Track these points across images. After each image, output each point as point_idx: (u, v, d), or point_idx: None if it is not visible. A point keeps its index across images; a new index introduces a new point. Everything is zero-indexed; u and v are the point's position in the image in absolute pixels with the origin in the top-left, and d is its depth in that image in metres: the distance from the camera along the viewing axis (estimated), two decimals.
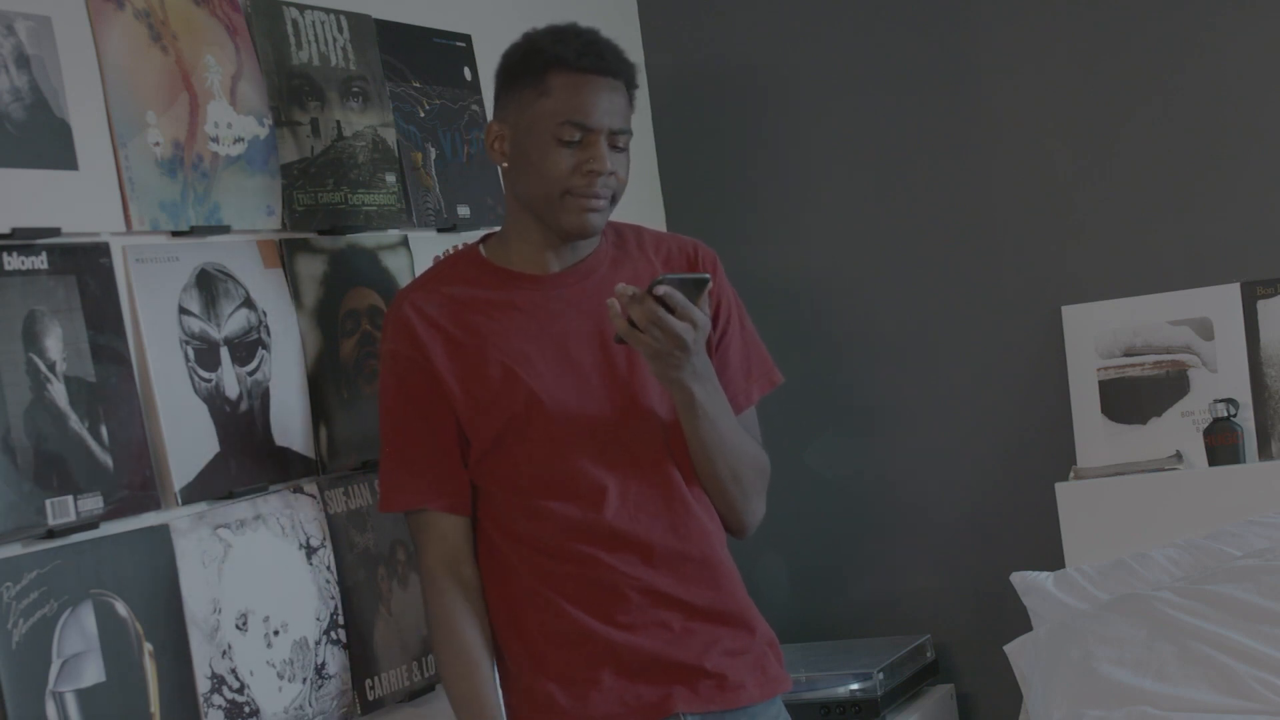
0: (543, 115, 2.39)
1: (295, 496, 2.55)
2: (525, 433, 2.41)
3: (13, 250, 2.15)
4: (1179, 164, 3.46)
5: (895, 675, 3.43)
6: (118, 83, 2.34)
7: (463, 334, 2.43)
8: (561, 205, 2.40)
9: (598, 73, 2.41)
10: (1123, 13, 3.49)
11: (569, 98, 2.39)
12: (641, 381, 2.43)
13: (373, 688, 2.63)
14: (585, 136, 2.38)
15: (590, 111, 2.39)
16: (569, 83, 2.39)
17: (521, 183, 2.44)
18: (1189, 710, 2.81)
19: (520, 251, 2.48)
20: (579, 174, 2.38)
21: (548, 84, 2.39)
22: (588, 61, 2.40)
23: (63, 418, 2.18)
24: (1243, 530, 3.15)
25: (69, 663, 2.14)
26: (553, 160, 2.38)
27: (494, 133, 2.46)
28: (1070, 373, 3.52)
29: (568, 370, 2.42)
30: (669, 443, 2.45)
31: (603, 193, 2.40)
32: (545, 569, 2.43)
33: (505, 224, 2.52)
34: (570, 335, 2.44)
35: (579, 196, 2.39)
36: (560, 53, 2.40)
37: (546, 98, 2.39)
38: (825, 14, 3.72)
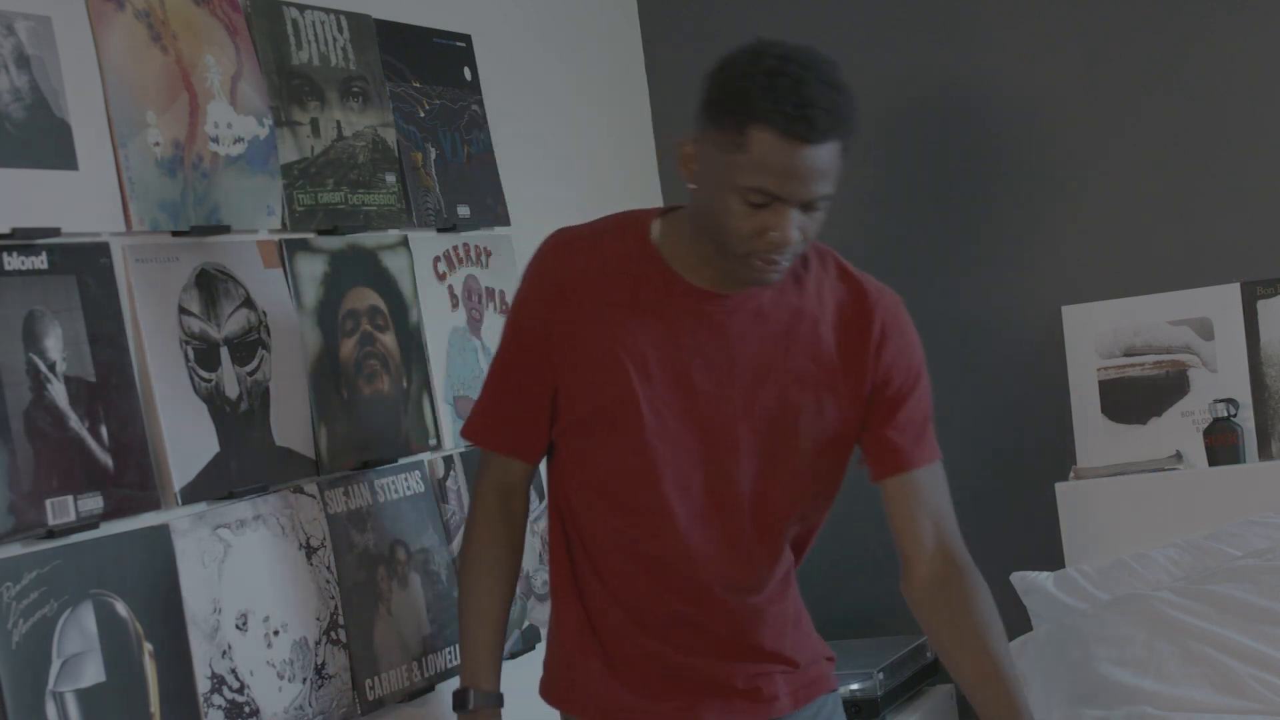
0: (735, 170, 2.12)
1: (295, 496, 2.55)
2: (607, 433, 2.32)
3: (13, 250, 2.15)
4: (1179, 164, 3.47)
5: (895, 675, 3.43)
6: (118, 83, 2.34)
7: (594, 308, 2.29)
8: (737, 260, 2.19)
9: (806, 142, 2.09)
10: (1123, 12, 3.49)
11: (767, 164, 2.10)
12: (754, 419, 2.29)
13: (373, 688, 2.63)
14: (776, 204, 2.13)
15: (787, 183, 2.11)
16: (772, 147, 2.09)
17: (702, 214, 2.21)
18: (1189, 710, 2.81)
19: (687, 257, 2.28)
20: (761, 240, 2.15)
21: (748, 139, 2.10)
22: (797, 129, 2.08)
23: (63, 418, 2.18)
24: (1243, 530, 3.15)
25: (69, 663, 2.14)
26: (736, 218, 2.14)
27: (686, 151, 2.22)
28: (1070, 373, 3.52)
29: (681, 387, 2.29)
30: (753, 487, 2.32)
31: (784, 259, 2.19)
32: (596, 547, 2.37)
33: (684, 222, 2.30)
34: (699, 354, 2.28)
35: (757, 259, 2.17)
36: (768, 109, 2.09)
37: (743, 154, 2.11)
38: (824, 9, 3.72)
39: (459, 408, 2.94)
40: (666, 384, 2.29)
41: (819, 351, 2.32)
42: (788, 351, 2.31)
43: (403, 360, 2.82)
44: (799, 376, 2.31)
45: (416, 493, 2.80)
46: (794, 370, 2.31)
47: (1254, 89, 3.41)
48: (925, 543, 2.38)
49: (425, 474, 2.83)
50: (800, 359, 2.31)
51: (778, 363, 2.30)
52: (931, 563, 2.37)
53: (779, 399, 2.31)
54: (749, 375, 2.29)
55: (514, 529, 2.45)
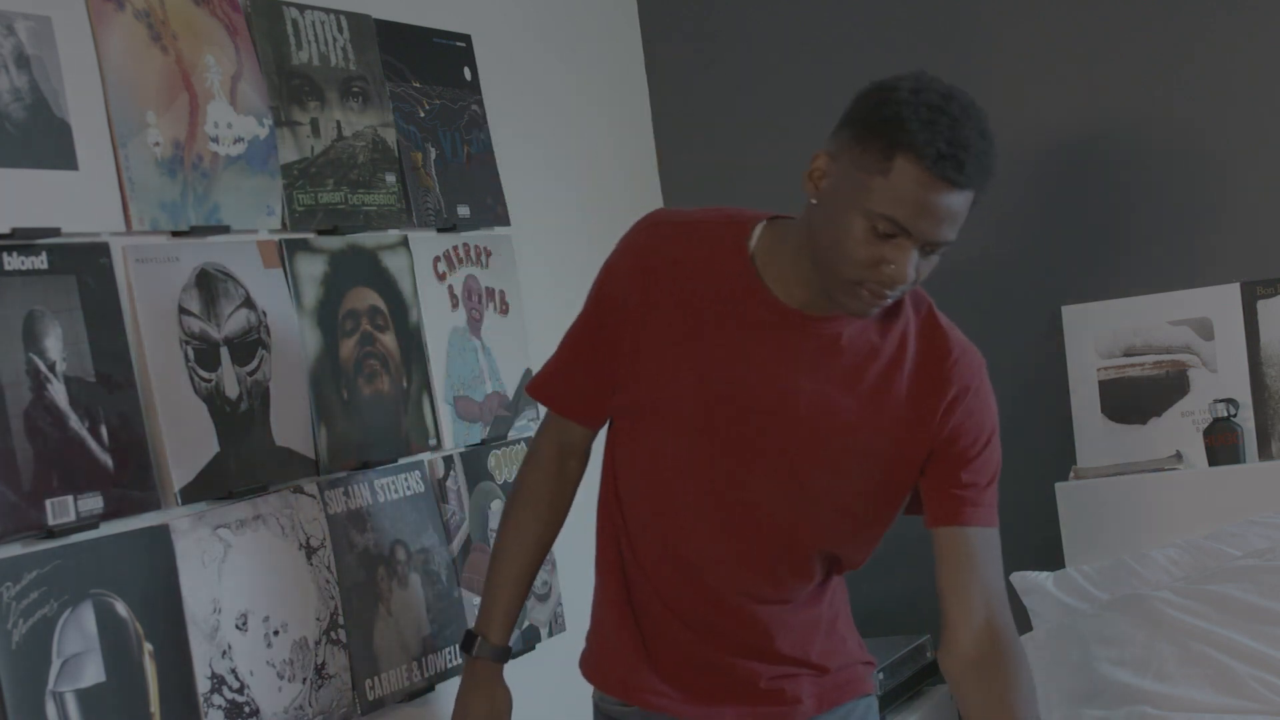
0: (871, 193, 2.07)
1: (295, 496, 2.55)
2: (650, 428, 2.30)
3: (13, 250, 2.15)
4: (1180, 164, 3.46)
5: (895, 675, 3.43)
6: (118, 83, 2.34)
7: (671, 301, 2.26)
8: (844, 286, 2.13)
9: (949, 183, 2.06)
10: (1124, 12, 3.49)
11: (905, 196, 2.06)
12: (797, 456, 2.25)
13: (373, 688, 2.63)
14: (902, 238, 2.08)
15: (920, 220, 2.07)
16: (915, 179, 2.05)
17: (818, 229, 2.15)
18: (1189, 710, 2.81)
19: (782, 270, 2.23)
20: (876, 271, 2.10)
21: (893, 165, 2.06)
22: (945, 169, 2.05)
23: (63, 418, 2.18)
24: (1243, 530, 3.15)
25: (69, 663, 2.14)
26: (856, 241, 2.09)
27: (818, 164, 2.17)
28: (1070, 373, 3.52)
29: (732, 405, 2.24)
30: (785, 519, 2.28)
31: (892, 296, 2.14)
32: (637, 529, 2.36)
33: (788, 235, 2.24)
34: (760, 375, 2.24)
35: (865, 290, 2.13)
36: (920, 143, 2.04)
37: (884, 179, 2.06)
38: (825, 11, 3.72)
39: (459, 408, 2.94)
40: (721, 393, 2.25)
41: (887, 397, 2.26)
42: (854, 390, 2.25)
43: (403, 360, 2.82)
44: (860, 417, 2.25)
45: (416, 493, 2.80)
46: (855, 410, 2.25)
47: (1254, 89, 3.41)
48: (974, 613, 2.30)
49: (425, 474, 2.83)
50: (865, 400, 2.25)
51: (841, 399, 2.25)
52: (978, 637, 2.28)
53: (831, 434, 2.25)
54: (808, 404, 2.24)
55: (564, 486, 2.45)
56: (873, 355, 2.26)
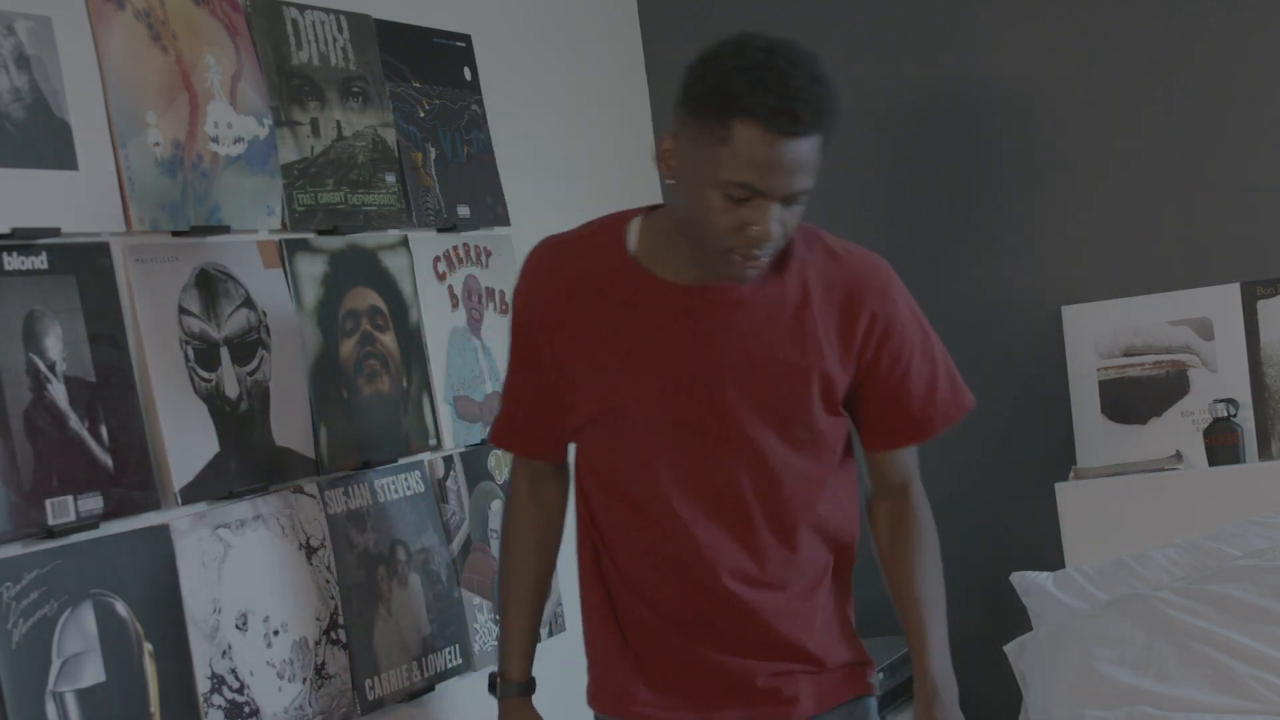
0: (717, 164, 2.10)
1: (295, 496, 2.55)
2: (605, 437, 2.34)
3: (13, 250, 2.15)
4: (1179, 164, 3.47)
5: (895, 675, 3.43)
6: (118, 83, 2.34)
7: (572, 317, 2.30)
8: (716, 256, 2.17)
9: (789, 135, 2.09)
10: (1124, 13, 3.49)
11: (751, 156, 2.08)
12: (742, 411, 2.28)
13: (373, 688, 2.63)
14: (756, 199, 2.11)
15: (769, 177, 2.09)
16: (755, 140, 2.08)
17: (682, 209, 2.20)
18: (1189, 710, 2.81)
19: (665, 255, 2.27)
20: (742, 235, 2.13)
21: (731, 133, 2.08)
22: (781, 123, 2.07)
23: (63, 418, 2.18)
24: (1243, 530, 3.15)
25: (69, 663, 2.14)
26: (716, 212, 2.12)
27: (665, 146, 2.19)
28: (1070, 373, 3.52)
29: (667, 387, 2.28)
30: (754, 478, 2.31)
31: (763, 255, 2.17)
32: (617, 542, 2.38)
33: (662, 221, 2.29)
34: (681, 351, 2.27)
35: (737, 255, 2.16)
36: (752, 105, 2.07)
37: (725, 147, 2.09)
38: (825, 13, 3.72)
39: (459, 408, 2.94)
40: (655, 383, 2.29)
41: (805, 336, 2.30)
42: (773, 341, 2.29)
43: (403, 360, 2.82)
44: (787, 364, 2.29)
45: (416, 493, 2.80)
46: (781, 358, 2.29)
47: (1254, 89, 3.41)
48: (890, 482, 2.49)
49: (425, 474, 2.83)
50: (786, 346, 2.29)
51: (764, 352, 2.28)
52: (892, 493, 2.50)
53: (768, 388, 2.29)
54: (737, 367, 2.28)
55: (548, 515, 2.47)
56: (779, 303, 2.28)
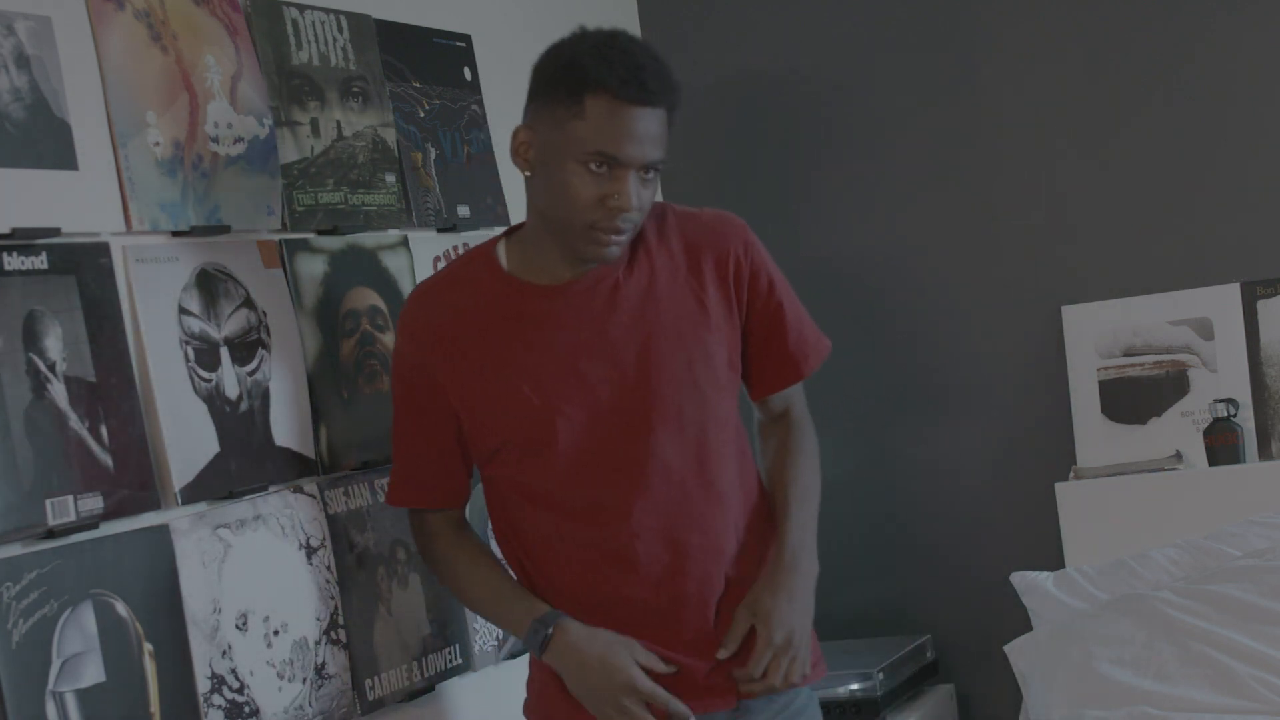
0: (573, 139, 2.24)
1: (295, 496, 2.55)
2: (530, 452, 2.38)
3: (13, 250, 2.15)
4: (1179, 164, 3.46)
5: (895, 675, 3.43)
6: (118, 83, 2.34)
7: (467, 345, 2.38)
8: (580, 234, 2.29)
9: (640, 103, 2.24)
10: (1125, 13, 3.49)
11: (605, 127, 2.23)
12: (653, 389, 2.38)
13: (373, 688, 2.63)
14: (615, 170, 2.25)
15: (624, 144, 2.23)
16: (607, 110, 2.23)
17: (543, 199, 2.33)
18: (1189, 710, 2.81)
19: (535, 260, 2.38)
20: (603, 208, 2.25)
21: (584, 107, 2.23)
22: (630, 91, 2.23)
23: (63, 418, 2.18)
24: (1243, 530, 3.15)
25: (69, 663, 2.13)
26: (576, 187, 2.25)
27: (520, 138, 2.32)
28: (1070, 373, 3.52)
29: (575, 385, 2.36)
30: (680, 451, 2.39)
31: (624, 227, 2.28)
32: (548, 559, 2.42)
33: (525, 229, 2.42)
34: (579, 347, 2.37)
35: (600, 230, 2.27)
36: (603, 76, 2.22)
37: (580, 121, 2.23)
38: (827, 15, 3.72)
39: None
40: (563, 386, 2.36)
41: (686, 301, 2.40)
42: (658, 314, 2.38)
43: None
44: (678, 332, 2.39)
45: None
46: (671, 328, 2.38)
47: (1254, 89, 3.41)
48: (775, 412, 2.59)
49: None
50: (672, 316, 2.39)
51: (653, 327, 2.38)
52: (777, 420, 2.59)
53: (672, 360, 2.38)
54: (633, 349, 2.36)
55: (476, 539, 2.53)
56: (652, 276, 2.39)
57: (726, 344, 2.45)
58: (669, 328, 2.39)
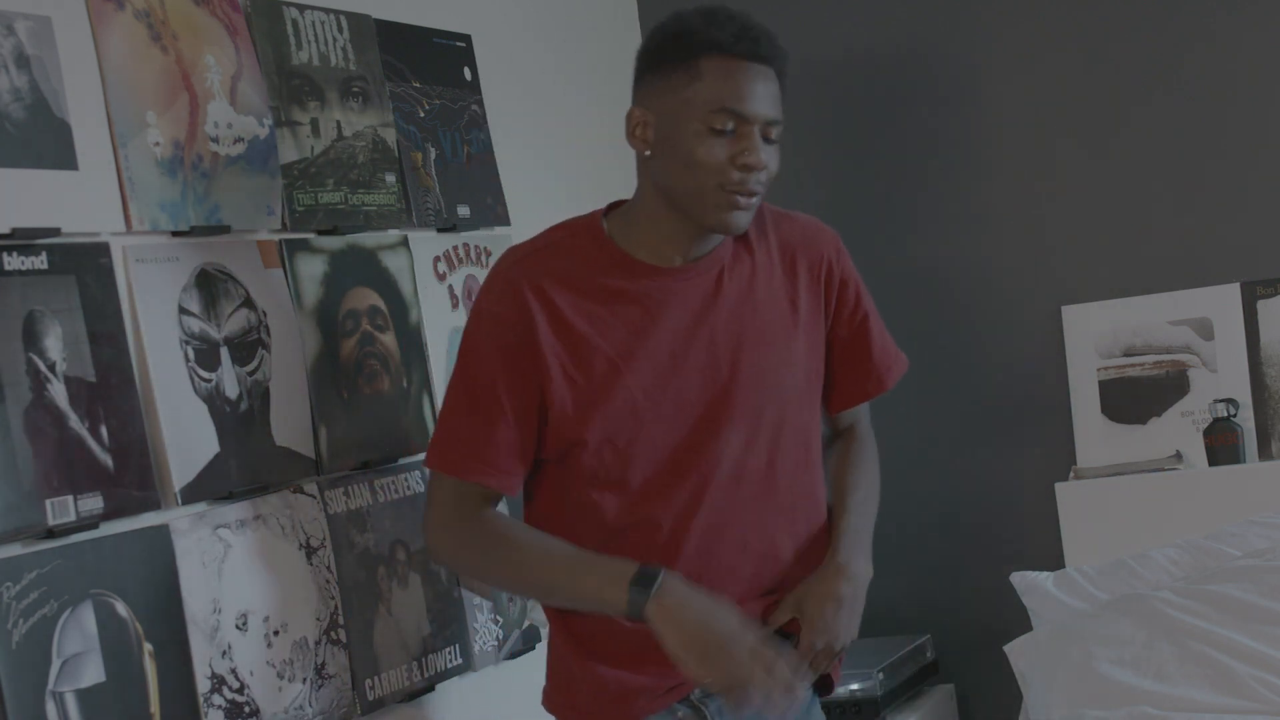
0: (695, 102, 2.23)
1: (295, 496, 2.55)
2: (614, 436, 2.29)
3: (13, 250, 2.15)
4: (1179, 163, 3.47)
5: (895, 675, 3.43)
6: (118, 83, 2.34)
7: (574, 317, 2.29)
8: (712, 200, 2.25)
9: (754, 59, 2.25)
10: (1124, 12, 3.49)
11: (724, 84, 2.23)
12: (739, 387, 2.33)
13: (373, 688, 2.63)
14: (740, 127, 2.24)
15: (746, 99, 2.23)
16: (724, 68, 2.23)
17: (667, 172, 2.28)
18: (1189, 710, 2.81)
19: (646, 239, 2.32)
20: (733, 167, 2.23)
21: (700, 68, 2.23)
22: (744, 47, 2.24)
23: (63, 418, 2.18)
24: (1243, 530, 3.15)
25: (69, 663, 2.14)
26: (703, 152, 2.23)
27: (636, 118, 2.29)
28: (1070, 373, 3.52)
29: (670, 373, 2.30)
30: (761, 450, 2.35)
31: (756, 189, 2.26)
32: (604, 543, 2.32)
33: (635, 207, 2.35)
34: (680, 335, 2.31)
35: (731, 193, 2.24)
36: (715, 36, 2.24)
37: (699, 82, 2.23)
38: (823, 13, 3.72)
39: None
40: (660, 374, 2.31)
41: (780, 302, 2.39)
42: (755, 312, 2.36)
43: (403, 360, 2.82)
44: (771, 334, 2.37)
45: (416, 493, 2.80)
46: (764, 329, 2.37)
47: (1254, 89, 3.41)
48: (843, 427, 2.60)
49: (425, 474, 2.83)
50: (767, 316, 2.37)
51: (749, 326, 2.35)
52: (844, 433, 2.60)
53: (757, 360, 2.35)
54: (728, 344, 2.33)
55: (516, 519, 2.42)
56: (753, 271, 2.38)
57: (814, 351, 2.42)
58: (763, 328, 2.36)
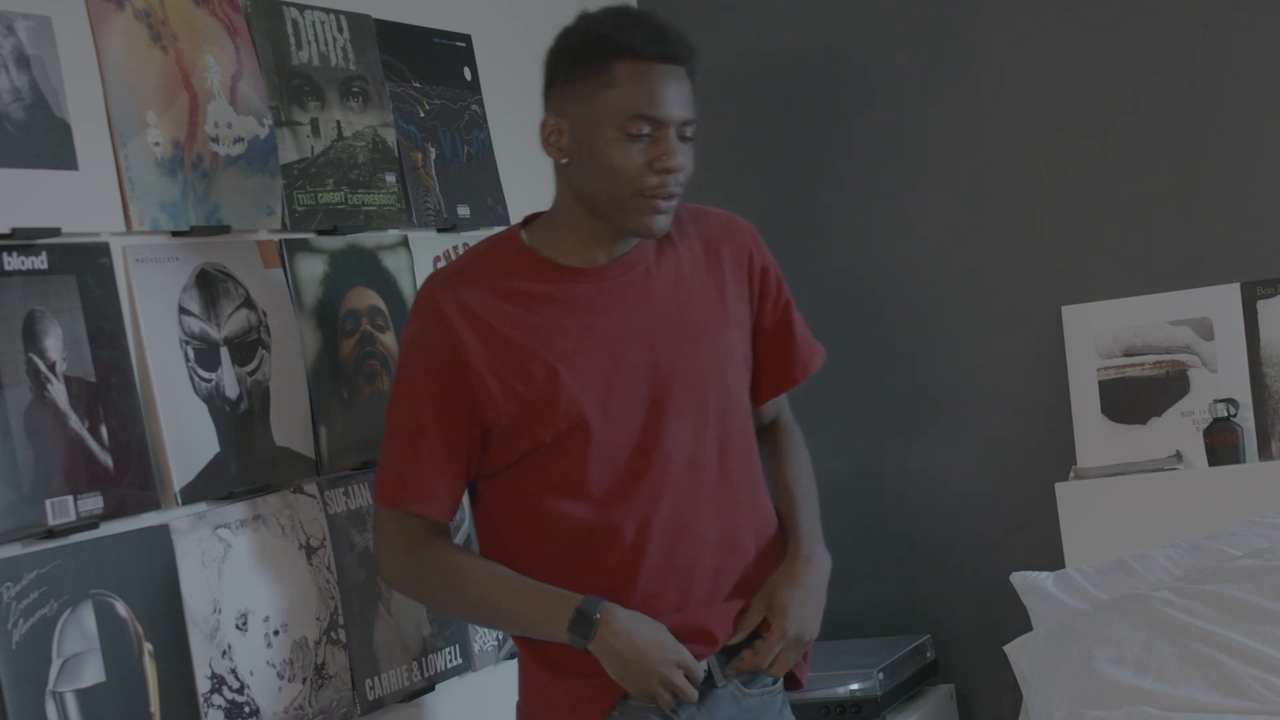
0: (609, 109, 2.25)
1: (295, 496, 2.55)
2: (562, 441, 2.31)
3: (13, 250, 2.15)
4: (1179, 163, 3.46)
5: (895, 675, 3.43)
6: (118, 83, 2.34)
7: (505, 328, 2.30)
8: (631, 206, 2.28)
9: (666, 60, 2.27)
10: (1124, 12, 3.49)
11: (638, 89, 2.25)
12: (682, 378, 2.36)
13: (373, 688, 2.63)
14: (656, 130, 2.26)
15: (661, 103, 2.25)
16: (637, 72, 2.25)
17: (585, 180, 2.30)
18: (1189, 710, 2.81)
19: (568, 244, 2.35)
20: (650, 171, 2.26)
21: (613, 74, 2.25)
22: (656, 49, 2.26)
23: (63, 418, 2.18)
24: (1243, 530, 3.15)
25: (69, 663, 2.14)
26: (620, 157, 2.25)
27: (550, 127, 2.31)
28: (1070, 373, 3.52)
29: (611, 371, 2.33)
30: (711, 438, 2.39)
31: (675, 190, 2.29)
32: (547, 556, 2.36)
33: (554, 214, 2.38)
34: (615, 332, 2.34)
35: (650, 197, 2.27)
36: (626, 40, 2.25)
37: (613, 88, 2.25)
38: (823, 12, 3.72)
39: None
40: (601, 373, 2.33)
41: (710, 293, 2.42)
42: (688, 303, 2.39)
43: None
44: (705, 323, 2.40)
45: None
46: (699, 319, 2.40)
47: (1254, 89, 3.41)
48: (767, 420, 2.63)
49: None
50: (699, 307, 2.40)
51: (683, 317, 2.38)
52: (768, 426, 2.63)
53: (697, 350, 2.38)
54: (666, 337, 2.36)
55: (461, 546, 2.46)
56: (679, 266, 2.41)
57: (745, 340, 2.47)
58: (697, 319, 2.39)
